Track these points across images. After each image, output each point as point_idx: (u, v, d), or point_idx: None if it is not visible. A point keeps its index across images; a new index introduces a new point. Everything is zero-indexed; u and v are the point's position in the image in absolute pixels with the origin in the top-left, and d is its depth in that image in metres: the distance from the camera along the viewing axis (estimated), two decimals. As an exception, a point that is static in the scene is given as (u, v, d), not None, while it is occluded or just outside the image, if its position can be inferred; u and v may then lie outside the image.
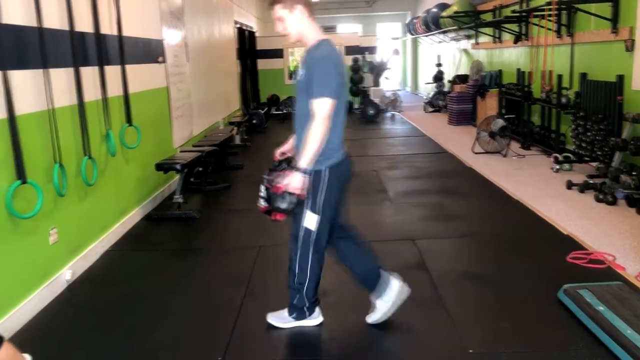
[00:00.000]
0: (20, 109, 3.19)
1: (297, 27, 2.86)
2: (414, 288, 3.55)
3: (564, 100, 7.01)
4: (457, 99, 11.09)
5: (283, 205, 2.76)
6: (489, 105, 9.85)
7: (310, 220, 2.89)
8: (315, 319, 3.11)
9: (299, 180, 2.71)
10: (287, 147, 3.06)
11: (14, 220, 3.16)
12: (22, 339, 2.98)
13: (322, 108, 2.70)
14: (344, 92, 2.88)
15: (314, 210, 2.87)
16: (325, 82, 2.71)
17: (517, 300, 3.33)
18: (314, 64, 2.76)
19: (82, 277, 3.92)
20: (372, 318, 3.10)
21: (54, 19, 3.66)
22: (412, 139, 9.72)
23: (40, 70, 3.44)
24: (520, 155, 7.64)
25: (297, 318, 3.09)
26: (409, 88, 21.49)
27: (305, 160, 2.71)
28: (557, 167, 6.64)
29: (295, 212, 2.84)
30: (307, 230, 2.92)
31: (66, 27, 3.80)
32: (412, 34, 17.86)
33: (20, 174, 3.16)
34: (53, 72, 3.58)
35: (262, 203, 2.89)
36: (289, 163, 2.94)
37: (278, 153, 3.06)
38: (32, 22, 3.37)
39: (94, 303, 3.56)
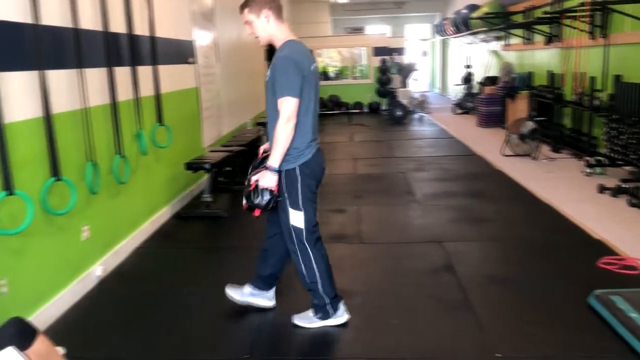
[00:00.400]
0: (56, 107, 3.26)
1: (265, 31, 2.94)
2: (441, 290, 3.54)
3: (596, 102, 6.88)
4: (487, 101, 10.97)
5: (256, 200, 2.87)
6: (519, 107, 9.72)
7: (297, 218, 2.96)
8: (340, 317, 3.12)
9: (268, 178, 2.82)
10: (268, 145, 3.10)
11: (48, 217, 3.24)
12: (55, 332, 3.06)
13: (285, 107, 2.78)
14: (312, 90, 2.91)
15: (296, 208, 2.94)
16: (286, 82, 2.78)
17: (546, 305, 3.29)
18: (275, 64, 2.83)
19: (113, 273, 3.99)
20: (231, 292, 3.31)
21: (89, 20, 3.74)
22: (440, 141, 9.65)
23: (75, 70, 3.53)
24: (551, 159, 7.52)
25: (323, 318, 3.10)
26: (437, 89, 21.33)
27: (273, 159, 2.82)
28: (589, 170, 6.52)
29: (269, 209, 2.92)
30: (297, 229, 2.98)
31: (100, 28, 3.88)
32: (441, 35, 17.73)
33: (55, 171, 3.24)
34: (88, 72, 3.66)
35: (244, 201, 2.96)
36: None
37: (261, 150, 3.13)
38: (68, 23, 3.46)
39: (124, 299, 3.62)
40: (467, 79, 14.21)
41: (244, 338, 3.03)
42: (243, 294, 3.31)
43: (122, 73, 4.26)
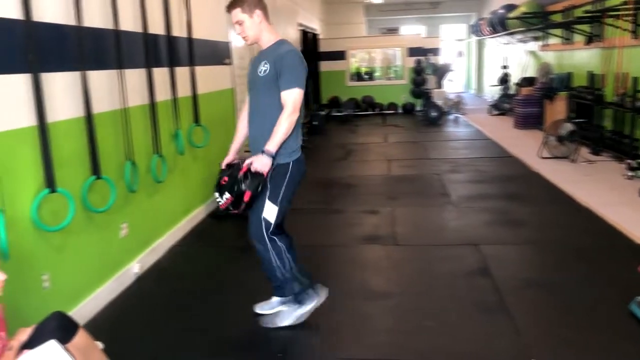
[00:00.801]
0: (97, 107, 3.34)
1: (256, 31, 2.98)
2: (477, 293, 3.50)
3: (639, 104, 6.69)
4: (524, 102, 10.78)
5: (244, 186, 2.85)
6: (557, 108, 9.52)
7: (270, 211, 2.97)
8: (318, 296, 3.17)
9: (263, 162, 2.83)
10: (231, 157, 3.15)
11: (88, 214, 3.32)
12: (94, 327, 3.12)
13: (293, 98, 2.85)
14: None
15: (274, 202, 2.96)
16: (295, 74, 2.87)
17: (584, 310, 3.22)
18: (282, 58, 2.87)
19: (150, 270, 4.06)
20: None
21: (129, 22, 3.82)
22: (476, 142, 9.53)
23: (116, 71, 3.60)
24: (590, 161, 7.34)
25: (304, 302, 3.13)
26: (473, 90, 21.07)
27: (272, 144, 2.83)
28: (631, 173, 6.34)
29: (257, 194, 2.89)
30: (267, 222, 2.99)
31: (140, 30, 3.96)
32: (477, 36, 17.51)
33: (95, 169, 3.32)
34: (127, 72, 3.73)
35: (222, 199, 2.92)
36: (236, 167, 2.99)
37: (224, 165, 3.13)
38: (109, 25, 3.53)
39: (160, 296, 3.68)
40: (504, 80, 13.99)
41: (278, 337, 3.04)
42: (272, 305, 3.28)
43: (161, 74, 4.34)
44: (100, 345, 2.51)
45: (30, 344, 2.14)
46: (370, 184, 6.70)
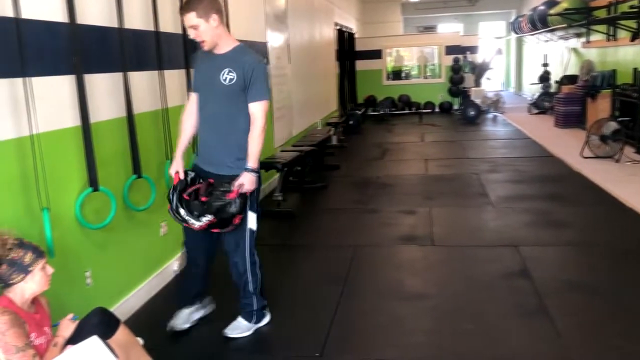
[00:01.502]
0: (138, 108, 3.40)
1: (213, 35, 2.83)
2: (516, 296, 3.43)
3: (687, 101, 6.45)
4: (565, 101, 10.52)
5: (233, 209, 2.81)
6: (600, 107, 9.25)
7: (253, 220, 2.98)
8: (267, 316, 3.22)
9: (253, 181, 2.87)
10: (179, 164, 3.00)
11: (129, 212, 3.39)
12: (134, 324, 3.18)
13: (263, 110, 2.89)
14: None
15: (253, 210, 2.96)
16: (264, 86, 2.91)
17: (629, 315, 3.12)
18: (253, 70, 2.84)
19: (188, 268, 4.11)
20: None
21: (168, 24, 3.87)
22: (515, 142, 9.35)
23: (156, 72, 3.66)
24: (635, 161, 7.12)
25: (258, 321, 3.15)
26: (512, 89, 20.69)
27: (253, 160, 2.88)
28: (678, 174, 6.12)
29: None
30: (252, 232, 2.99)
31: (179, 31, 4.02)
32: (516, 33, 17.16)
33: (136, 168, 3.38)
34: (167, 73, 3.79)
35: (199, 220, 2.82)
36: (199, 177, 2.95)
37: (178, 173, 2.96)
38: (150, 27, 3.60)
39: (199, 293, 3.72)
40: (544, 78, 13.70)
41: (315, 336, 3.04)
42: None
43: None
44: (140, 341, 2.56)
45: (72, 339, 2.20)
46: (407, 183, 6.65)
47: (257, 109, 2.87)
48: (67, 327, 2.25)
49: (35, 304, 2.22)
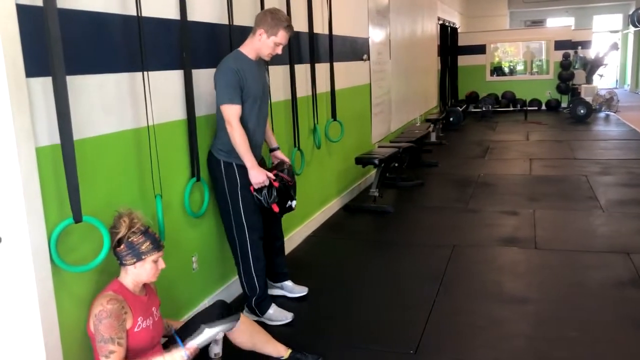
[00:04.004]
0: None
1: None
2: (628, 306, 3.22)
3: None
4: (690, 99, 9.69)
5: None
6: None
7: None
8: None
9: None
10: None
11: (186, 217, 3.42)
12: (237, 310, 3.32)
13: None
14: None
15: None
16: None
17: None
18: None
19: (286, 258, 4.20)
20: None
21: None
22: (630, 143, 8.73)
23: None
24: None
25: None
26: (627, 86, 19.33)
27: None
28: None
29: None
30: None
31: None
32: (636, 26, 15.98)
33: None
34: (272, 69, 3.89)
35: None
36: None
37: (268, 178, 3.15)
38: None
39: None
40: (666, 75, 12.68)
41: (410, 334, 3.02)
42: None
43: (302, 70, 4.48)
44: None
45: (190, 333, 2.33)
46: (510, 183, 6.41)
47: None
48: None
49: (145, 287, 2.38)
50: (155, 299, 2.44)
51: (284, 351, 2.69)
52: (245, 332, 2.60)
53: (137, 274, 2.26)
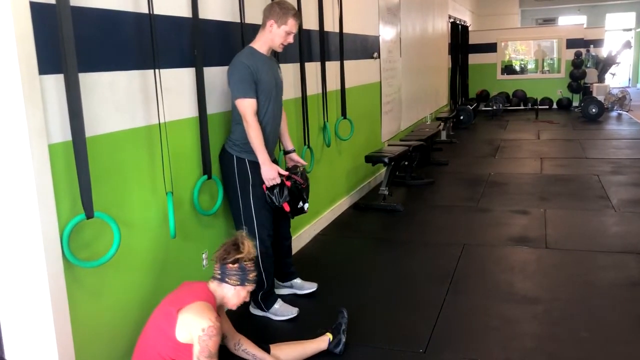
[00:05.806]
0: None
1: None
2: (639, 306, 3.20)
3: None
4: (703, 98, 9.59)
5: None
6: None
7: None
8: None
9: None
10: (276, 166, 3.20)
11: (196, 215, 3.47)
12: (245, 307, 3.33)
13: None
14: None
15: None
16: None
17: None
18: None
19: (295, 256, 4.20)
20: None
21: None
22: (642, 142, 8.66)
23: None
24: None
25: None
26: (640, 85, 19.18)
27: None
28: None
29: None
30: None
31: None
32: (648, 24, 15.86)
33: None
34: (283, 67, 3.89)
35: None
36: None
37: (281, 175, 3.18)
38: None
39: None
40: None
41: (420, 332, 3.02)
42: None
43: (312, 68, 4.48)
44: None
45: None
46: (520, 182, 6.37)
47: None
48: None
49: (221, 309, 2.47)
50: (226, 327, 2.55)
51: (324, 338, 2.81)
52: (285, 349, 2.70)
53: (231, 295, 2.37)
